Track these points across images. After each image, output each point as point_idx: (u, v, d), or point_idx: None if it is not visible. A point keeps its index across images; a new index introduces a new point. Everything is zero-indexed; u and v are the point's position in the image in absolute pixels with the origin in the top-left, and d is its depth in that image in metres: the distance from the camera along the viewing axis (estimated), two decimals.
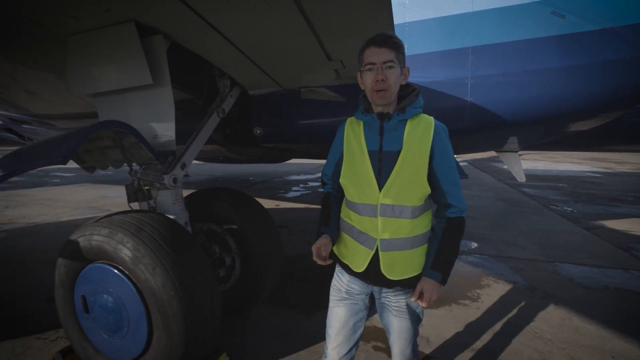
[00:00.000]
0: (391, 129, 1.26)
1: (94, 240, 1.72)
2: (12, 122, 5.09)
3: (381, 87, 1.19)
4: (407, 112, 1.25)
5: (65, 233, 4.90)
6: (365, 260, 1.31)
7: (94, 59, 1.99)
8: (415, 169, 1.23)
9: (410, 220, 1.26)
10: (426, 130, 1.24)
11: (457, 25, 2.62)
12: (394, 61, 1.19)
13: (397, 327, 1.37)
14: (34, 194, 8.53)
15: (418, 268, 1.31)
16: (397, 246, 1.27)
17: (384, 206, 1.26)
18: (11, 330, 2.46)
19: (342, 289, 1.42)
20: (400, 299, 1.35)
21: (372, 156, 1.28)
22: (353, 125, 1.37)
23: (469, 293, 3.04)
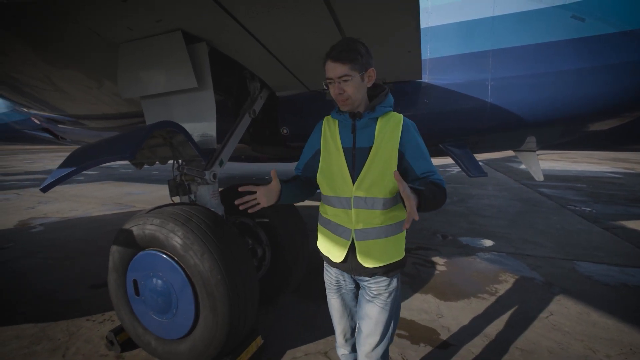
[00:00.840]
0: (363, 126, 1.33)
1: (147, 229, 1.90)
2: (49, 122, 5.40)
3: (341, 99, 1.29)
4: (377, 110, 1.33)
5: (96, 227, 5.23)
6: (343, 251, 1.38)
7: (143, 64, 2.18)
8: (385, 162, 1.29)
9: (382, 211, 1.32)
10: (395, 126, 1.32)
11: (477, 29, 2.72)
12: (348, 75, 1.24)
13: (374, 318, 1.39)
14: (64, 190, 8.94)
15: (394, 255, 1.37)
16: (371, 235, 1.34)
17: (357, 198, 1.33)
18: (64, 313, 2.69)
19: (332, 281, 1.53)
20: (382, 287, 1.39)
21: (347, 152, 1.36)
22: (330, 124, 1.45)
23: (487, 287, 3.13)
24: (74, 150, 1.85)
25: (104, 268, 3.55)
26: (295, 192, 1.45)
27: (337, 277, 1.51)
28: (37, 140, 7.49)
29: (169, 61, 2.10)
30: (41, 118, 5.39)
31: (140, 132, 1.76)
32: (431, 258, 3.89)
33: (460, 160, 3.17)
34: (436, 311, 2.73)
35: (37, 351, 2.23)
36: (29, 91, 3.56)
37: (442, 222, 5.41)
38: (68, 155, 1.80)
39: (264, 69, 2.65)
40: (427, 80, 2.87)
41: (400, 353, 2.20)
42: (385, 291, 1.40)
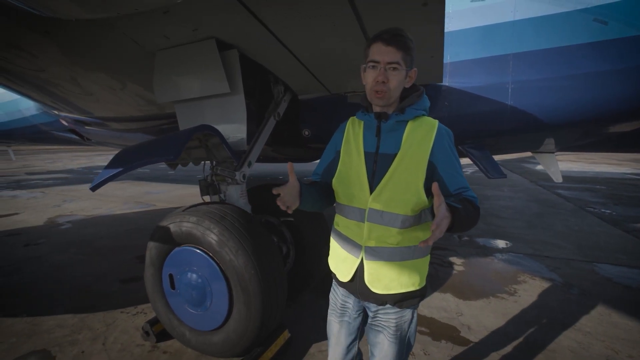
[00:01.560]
0: (388, 129, 1.18)
1: (184, 226, 2.02)
2: (76, 124, 5.63)
3: (380, 89, 1.11)
4: (407, 113, 1.17)
5: (120, 225, 5.43)
6: (351, 269, 1.23)
7: (178, 71, 2.30)
8: (410, 174, 1.14)
9: (399, 230, 1.15)
10: (427, 133, 1.15)
11: (498, 33, 2.77)
12: (399, 63, 1.09)
13: (384, 352, 1.26)
14: (85, 190, 9.24)
15: (407, 284, 1.19)
16: (384, 256, 1.17)
17: (372, 211, 1.18)
18: (99, 305, 2.85)
19: (338, 303, 1.37)
20: (391, 319, 1.24)
21: (368, 157, 1.20)
22: (354, 125, 1.30)
23: (506, 288, 3.17)
24: (119, 152, 1.99)
25: (131, 264, 3.74)
26: (315, 196, 1.23)
27: (343, 300, 1.34)
28: (61, 140, 7.79)
29: (202, 68, 2.22)
30: (69, 120, 5.62)
31: (183, 135, 1.88)
32: (448, 258, 3.93)
33: (479, 162, 3.21)
34: (456, 309, 2.79)
35: (80, 339, 2.38)
36: (61, 95, 3.75)
37: None
38: (114, 156, 1.94)
39: (289, 74, 2.75)
40: (448, 83, 2.92)
41: (422, 349, 2.27)
42: (393, 324, 1.23)
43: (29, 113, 6.32)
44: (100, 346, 2.31)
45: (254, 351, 2.04)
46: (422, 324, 2.56)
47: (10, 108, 6.58)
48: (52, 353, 2.24)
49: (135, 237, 4.80)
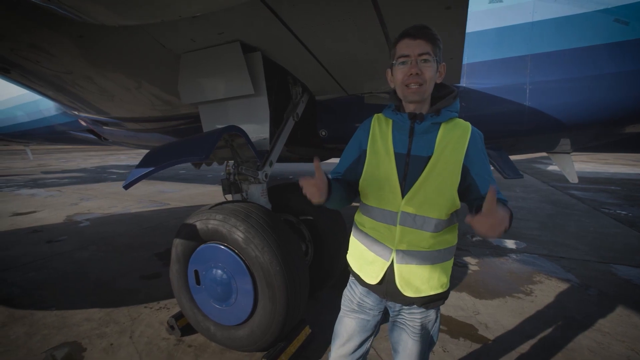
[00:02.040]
0: (422, 131, 1.15)
1: (211, 224, 2.09)
2: (94, 124, 5.77)
3: (415, 81, 1.08)
4: (442, 114, 1.14)
5: (136, 223, 5.55)
6: (380, 272, 1.21)
7: (203, 73, 2.37)
8: (445, 178, 1.12)
9: (431, 234, 1.15)
10: (462, 136, 1.13)
11: (516, 34, 2.78)
12: (430, 54, 1.08)
13: (409, 350, 1.26)
14: (100, 188, 9.44)
15: (437, 286, 1.19)
16: (415, 260, 1.16)
17: (404, 214, 1.15)
18: (123, 300, 2.94)
19: (355, 300, 1.34)
20: (416, 319, 1.24)
21: (399, 159, 1.17)
22: (381, 123, 1.25)
23: (522, 288, 3.18)
24: (150, 151, 2.06)
25: (150, 261, 3.84)
26: (341, 193, 1.21)
27: (360, 299, 1.32)
28: (78, 140, 7.97)
29: (227, 70, 2.28)
30: (88, 120, 5.76)
31: (212, 136, 1.95)
32: (462, 258, 3.94)
33: (495, 162, 3.23)
34: (472, 308, 2.81)
35: (107, 332, 2.47)
36: (83, 95, 3.85)
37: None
38: (145, 155, 2.01)
39: (308, 75, 2.80)
40: (465, 84, 2.95)
41: (441, 346, 2.30)
42: (418, 324, 1.24)
43: (49, 113, 6.49)
44: (127, 339, 2.39)
45: (277, 346, 2.09)
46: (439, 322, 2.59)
47: (31, 109, 6.76)
48: (83, 345, 2.33)
49: (152, 235, 4.91)
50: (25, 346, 2.32)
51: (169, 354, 2.23)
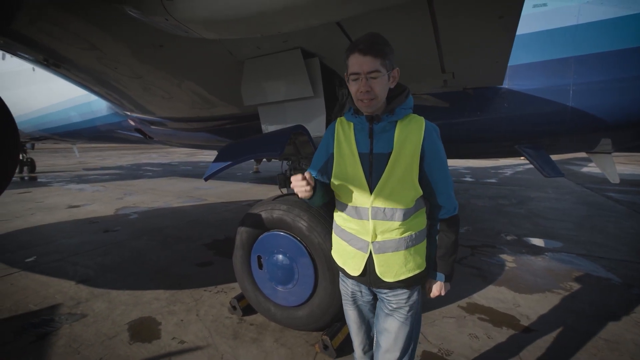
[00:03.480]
0: (380, 130, 1.23)
1: (275, 213, 2.32)
2: (142, 124, 6.20)
3: (366, 97, 1.16)
4: (397, 113, 1.22)
5: (180, 217, 5.92)
6: (361, 264, 1.30)
7: (265, 77, 2.61)
8: (406, 170, 1.21)
9: (401, 222, 1.24)
10: (417, 130, 1.22)
11: (560, 36, 2.86)
12: (379, 70, 1.13)
13: (394, 332, 1.33)
14: (139, 184, 10.01)
15: (414, 267, 1.29)
16: (391, 247, 1.25)
17: (375, 209, 1.24)
18: (183, 284, 3.24)
19: (348, 292, 1.45)
20: (401, 300, 1.32)
21: (363, 158, 1.25)
22: (343, 126, 1.34)
23: (561, 284, 3.24)
24: (226, 146, 2.32)
25: (201, 251, 4.15)
26: (322, 190, 1.36)
27: (352, 289, 1.43)
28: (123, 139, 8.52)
29: (289, 74, 2.51)
30: (137, 120, 6.20)
31: (284, 133, 2.18)
32: (499, 255, 4.02)
33: (535, 160, 3.31)
34: (512, 301, 2.91)
35: (176, 310, 2.76)
36: (142, 97, 4.20)
37: (504, 223, 5.45)
38: (221, 150, 2.26)
39: None
40: (507, 86, 3.06)
41: (485, 333, 2.44)
42: (405, 305, 1.32)
43: (101, 114, 6.99)
44: (194, 317, 2.67)
45: (334, 325, 2.30)
46: (481, 312, 2.72)
47: (83, 110, 7.31)
48: (157, 320, 2.62)
49: (197, 228, 5.24)
50: (110, 318, 2.64)
51: (233, 330, 2.49)
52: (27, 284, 3.24)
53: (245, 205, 6.95)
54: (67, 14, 2.12)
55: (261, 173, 12.54)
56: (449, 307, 2.81)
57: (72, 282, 3.29)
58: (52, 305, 2.85)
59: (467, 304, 2.86)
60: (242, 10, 1.35)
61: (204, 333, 2.44)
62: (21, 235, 4.88)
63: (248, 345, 2.31)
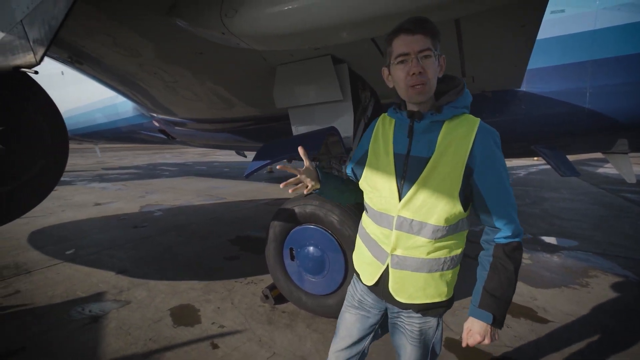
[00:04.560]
0: (422, 130, 1.08)
1: (308, 208, 2.50)
2: (166, 125, 6.47)
3: (419, 82, 1.00)
4: (445, 112, 1.05)
5: (202, 214, 6.16)
6: (376, 274, 1.19)
7: (297, 82, 2.80)
8: (444, 180, 1.04)
9: (429, 241, 1.08)
10: (467, 134, 1.03)
11: (578, 41, 2.98)
12: (430, 49, 0.99)
13: (408, 355, 1.22)
14: (158, 183, 10.33)
15: (435, 294, 1.13)
16: (411, 266, 1.11)
17: (401, 219, 1.10)
18: (214, 276, 3.45)
19: (356, 297, 1.32)
20: (414, 323, 1.19)
21: (398, 160, 1.12)
22: (384, 123, 1.21)
23: (577, 280, 3.35)
24: (264, 146, 2.51)
25: (227, 246, 4.36)
26: (336, 184, 1.28)
27: (361, 296, 1.30)
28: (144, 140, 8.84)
29: (319, 79, 2.69)
30: (161, 121, 6.47)
31: (320, 133, 2.37)
32: None
33: (552, 160, 3.43)
34: (529, 295, 3.04)
35: (211, 299, 2.96)
36: (173, 100, 4.44)
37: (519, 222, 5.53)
38: (260, 149, 2.46)
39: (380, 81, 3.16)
40: (525, 88, 3.18)
41: (504, 322, 2.57)
42: (417, 329, 1.18)
43: (126, 115, 7.30)
44: (230, 305, 2.87)
45: None
46: None
47: (109, 111, 7.63)
48: (196, 307, 2.83)
49: (220, 225, 5.47)
50: (152, 305, 2.86)
51: (267, 317, 2.68)
52: (71, 274, 3.50)
53: (263, 203, 7.16)
54: (122, 27, 2.35)
55: (275, 173, 12.82)
56: (468, 299, 2.93)
57: (112, 272, 3.53)
58: (98, 292, 3.09)
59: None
60: (298, 27, 1.53)
61: (240, 319, 2.64)
62: (57, 230, 5.18)
63: (282, 330, 2.50)
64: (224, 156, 23.11)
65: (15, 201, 2.49)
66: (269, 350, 2.26)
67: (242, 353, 2.22)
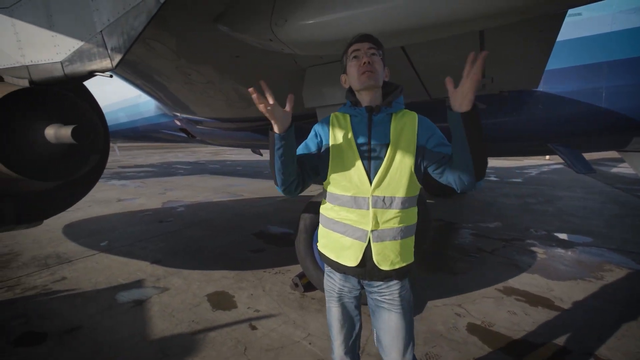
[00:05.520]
0: (379, 122, 1.30)
1: None
2: (188, 124, 6.71)
3: (369, 69, 1.24)
4: (394, 106, 1.32)
5: (223, 210, 6.39)
6: (359, 254, 1.31)
7: (324, 83, 2.98)
8: (403, 158, 1.27)
9: (399, 211, 1.28)
10: (411, 121, 1.30)
11: (594, 43, 3.11)
12: (377, 50, 1.27)
13: (394, 325, 1.35)
14: (176, 181, 10.63)
15: (407, 258, 1.34)
16: (389, 236, 1.29)
17: (375, 197, 1.28)
18: (243, 266, 3.65)
19: (335, 289, 1.44)
20: (394, 292, 1.35)
21: (361, 149, 1.30)
22: (339, 120, 1.38)
23: (592, 274, 3.46)
24: None
25: (251, 239, 4.57)
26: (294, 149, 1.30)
27: (340, 285, 1.42)
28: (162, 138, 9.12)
29: None
30: (184, 120, 6.72)
31: None
32: (529, 248, 4.25)
33: (567, 157, 3.55)
34: (546, 286, 3.17)
35: (244, 286, 3.17)
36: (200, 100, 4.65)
37: (532, 220, 5.64)
38: None
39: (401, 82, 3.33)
40: (542, 89, 3.31)
41: (522, 311, 2.72)
42: (398, 295, 1.35)
43: (148, 114, 7.57)
44: (261, 292, 3.07)
45: None
46: (517, 294, 3.00)
47: (131, 111, 7.92)
48: (230, 293, 3.04)
49: (241, 220, 5.69)
50: (189, 291, 3.08)
51: (298, 303, 2.87)
52: (109, 264, 3.74)
53: (280, 200, 7.37)
54: (170, 34, 2.56)
55: None
56: (486, 290, 3.10)
57: (146, 262, 3.77)
58: (137, 280, 3.32)
59: (504, 287, 3.15)
60: (341, 35, 1.70)
61: (273, 304, 2.84)
62: (87, 224, 5.46)
63: (314, 314, 2.69)
64: (235, 155, 23.43)
65: (72, 192, 2.74)
66: (304, 331, 2.45)
67: (279, 333, 2.42)
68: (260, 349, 2.24)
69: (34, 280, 3.31)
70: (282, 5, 1.80)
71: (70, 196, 2.74)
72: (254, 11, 1.93)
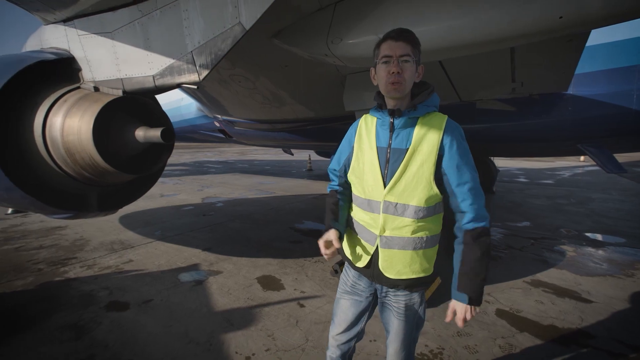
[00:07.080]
0: (401, 125, 1.24)
1: None
2: (226, 125, 7.21)
3: (396, 80, 1.18)
4: (419, 109, 1.23)
5: (259, 206, 6.81)
6: (367, 257, 1.33)
7: (363, 88, 3.28)
8: (421, 166, 1.21)
9: (413, 220, 1.23)
10: (438, 127, 1.21)
11: (625, 47, 3.23)
12: (409, 55, 1.17)
13: (395, 328, 1.38)
14: (210, 179, 11.23)
15: (419, 270, 1.28)
16: (398, 245, 1.26)
17: (386, 203, 1.25)
18: (285, 255, 4.02)
19: (349, 282, 1.46)
20: (400, 300, 1.35)
21: (381, 152, 1.27)
22: (367, 122, 1.37)
23: (622, 271, 3.55)
24: None
25: (289, 232, 4.94)
26: (343, 212, 1.42)
27: (354, 282, 1.45)
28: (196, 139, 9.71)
29: None
30: (223, 122, 7.22)
31: None
32: (559, 246, 4.35)
33: (597, 158, 3.67)
34: (574, 281, 3.32)
35: (288, 272, 3.52)
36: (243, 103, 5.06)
37: (563, 220, 5.67)
38: None
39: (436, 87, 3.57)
40: (572, 92, 3.46)
41: (549, 301, 2.91)
42: (403, 305, 1.35)
43: (189, 116, 8.15)
44: (305, 277, 3.40)
45: None
46: (544, 287, 3.17)
47: (172, 113, 8.53)
48: (277, 277, 3.40)
49: (278, 215, 6.08)
50: (240, 274, 3.46)
51: None
52: (166, 250, 4.21)
53: (311, 197, 7.72)
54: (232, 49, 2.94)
55: (313, 171, 13.43)
56: (515, 282, 3.29)
57: (198, 249, 4.20)
58: (193, 264, 3.75)
59: (532, 280, 3.32)
60: None
61: (316, 287, 3.17)
62: (139, 215, 6.02)
63: None
64: (261, 154, 24.12)
65: (140, 185, 3.19)
66: None
67: (325, 311, 2.74)
68: (310, 322, 2.57)
69: (107, 261, 3.81)
70: (338, 26, 2.12)
71: (139, 189, 3.19)
72: (312, 30, 2.27)
